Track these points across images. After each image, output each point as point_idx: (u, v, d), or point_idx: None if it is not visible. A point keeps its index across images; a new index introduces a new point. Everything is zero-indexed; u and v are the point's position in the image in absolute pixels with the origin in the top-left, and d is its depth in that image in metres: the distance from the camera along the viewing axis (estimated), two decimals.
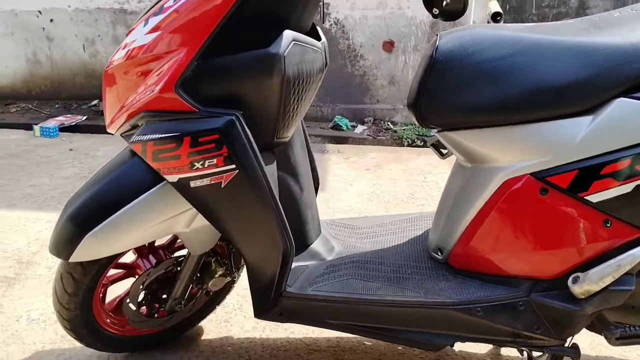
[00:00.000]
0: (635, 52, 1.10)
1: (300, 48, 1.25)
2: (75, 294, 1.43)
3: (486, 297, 1.26)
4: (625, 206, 1.13)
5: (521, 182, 1.20)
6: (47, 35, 4.87)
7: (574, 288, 1.18)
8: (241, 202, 1.24)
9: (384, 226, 1.67)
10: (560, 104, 1.15)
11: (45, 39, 4.87)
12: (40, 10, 4.83)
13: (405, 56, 4.37)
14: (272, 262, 1.31)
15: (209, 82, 1.20)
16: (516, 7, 5.93)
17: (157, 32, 1.21)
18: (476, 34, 1.25)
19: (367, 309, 1.33)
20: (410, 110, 1.29)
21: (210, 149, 1.17)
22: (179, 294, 1.54)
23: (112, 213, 1.30)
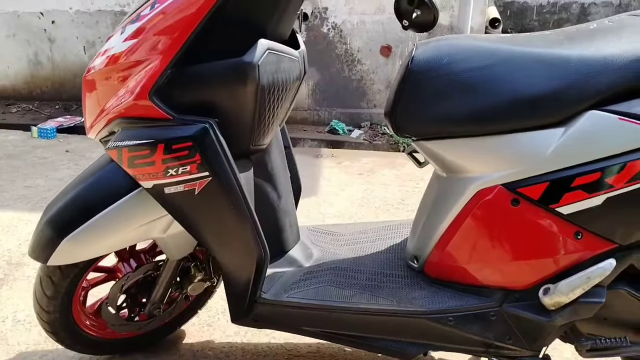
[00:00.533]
0: (607, 65, 1.10)
1: (275, 57, 1.25)
2: (55, 297, 1.44)
3: (458, 307, 1.27)
4: (596, 218, 1.13)
5: (493, 192, 1.20)
6: (48, 36, 4.90)
7: (545, 299, 1.18)
8: (215, 209, 1.25)
9: (365, 233, 1.67)
10: (532, 116, 1.15)
11: (46, 41, 4.91)
12: (42, 12, 4.86)
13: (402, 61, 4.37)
14: (246, 269, 1.31)
15: (183, 90, 1.21)
16: (517, 13, 5.94)
17: (134, 40, 1.22)
18: (452, 44, 1.25)
19: (341, 317, 1.33)
20: (386, 119, 1.30)
21: (183, 156, 1.18)
22: (157, 298, 1.54)
23: (90, 217, 1.31)
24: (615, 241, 1.14)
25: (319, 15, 4.33)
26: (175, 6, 1.18)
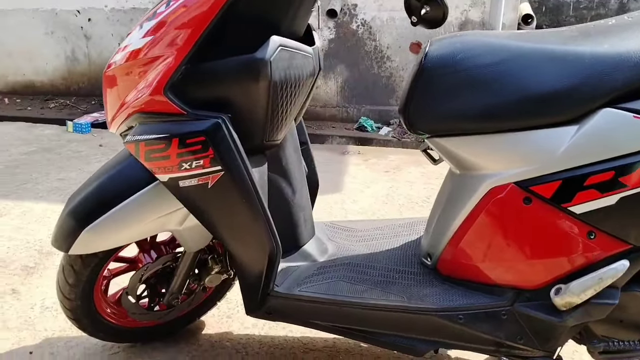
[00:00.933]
0: (621, 62, 1.08)
1: (288, 53, 1.27)
2: (76, 285, 1.49)
3: (468, 305, 1.26)
4: (609, 218, 1.11)
5: (506, 190, 1.19)
6: (85, 33, 5.03)
7: (556, 299, 1.17)
8: (227, 203, 1.27)
9: (381, 230, 1.68)
10: (545, 113, 1.14)
11: (83, 38, 5.04)
12: (79, 10, 4.99)
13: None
14: (258, 262, 1.33)
15: (197, 86, 1.24)
16: (553, 9, 5.81)
17: (150, 36, 1.25)
18: (466, 41, 1.24)
19: (351, 312, 1.34)
20: (400, 115, 1.30)
21: (197, 151, 1.21)
22: (176, 289, 1.58)
23: (109, 209, 1.36)
24: (630, 242, 1.12)
25: (348, 12, 4.33)
26: (188, 4, 1.20)
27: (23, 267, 2.18)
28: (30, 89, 5.25)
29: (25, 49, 5.15)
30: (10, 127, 4.23)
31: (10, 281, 2.09)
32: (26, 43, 5.14)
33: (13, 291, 2.03)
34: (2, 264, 2.21)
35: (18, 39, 5.14)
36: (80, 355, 1.71)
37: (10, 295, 2.01)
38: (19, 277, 2.12)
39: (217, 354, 1.72)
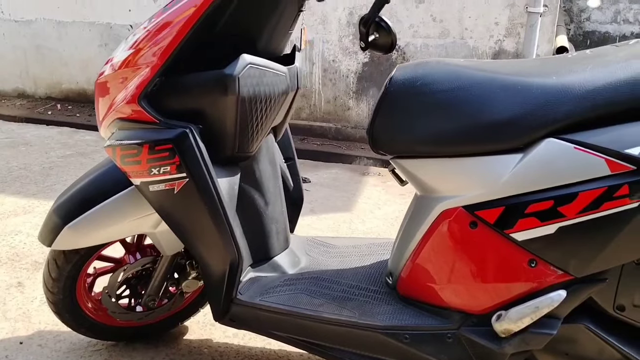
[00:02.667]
0: (565, 94, 1.09)
1: (258, 71, 1.33)
2: (59, 280, 1.59)
3: (415, 325, 1.27)
4: (549, 247, 1.11)
5: (455, 214, 1.21)
6: None
7: (496, 326, 1.17)
8: (191, 209, 1.34)
9: (358, 247, 1.70)
10: (493, 140, 1.16)
11: None
12: (132, 25, 5.25)
13: None
14: (220, 269, 1.39)
15: (170, 97, 1.32)
16: (598, 43, 5.70)
17: (132, 50, 1.35)
18: (428, 68, 1.28)
19: (306, 324, 1.37)
20: (367, 135, 1.34)
21: (164, 157, 1.29)
22: (153, 291, 1.65)
23: (90, 208, 1.45)
24: (570, 272, 1.12)
25: None
26: (165, 22, 1.29)
27: (33, 263, 2.32)
28: (82, 96, 5.53)
29: (80, 59, 5.44)
30: (54, 130, 4.48)
31: (18, 275, 2.22)
32: (81, 53, 5.43)
33: (19, 284, 2.16)
34: (16, 258, 2.36)
35: (74, 49, 5.44)
36: (66, 348, 1.80)
37: (15, 287, 2.13)
38: (27, 271, 2.25)
39: (195, 359, 1.78)
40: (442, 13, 4.22)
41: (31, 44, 5.47)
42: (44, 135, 4.31)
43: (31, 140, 4.15)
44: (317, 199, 3.20)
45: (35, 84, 5.60)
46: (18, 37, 5.49)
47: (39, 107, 5.26)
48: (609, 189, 1.04)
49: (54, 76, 5.52)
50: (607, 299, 1.15)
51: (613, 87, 1.07)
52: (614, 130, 1.06)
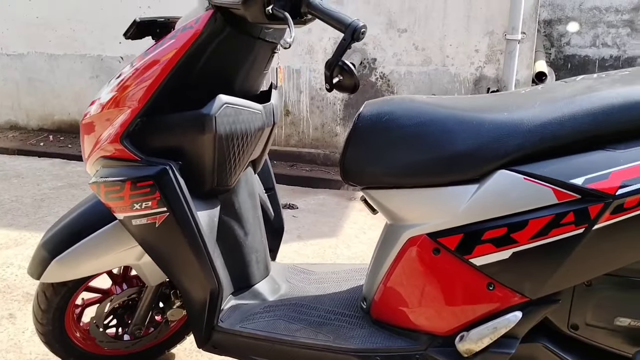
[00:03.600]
0: (515, 129, 1.18)
1: (234, 110, 1.42)
2: (48, 311, 1.65)
3: (386, 348, 1.34)
4: (504, 271, 1.19)
5: (419, 241, 1.29)
6: None
7: (459, 346, 1.24)
8: (172, 242, 1.41)
9: (337, 273, 1.77)
10: (451, 172, 1.24)
11: None
12: (122, 57, 5.36)
13: None
14: (201, 298, 1.46)
15: (151, 136, 1.41)
16: (578, 66, 5.85)
17: (114, 92, 1.43)
18: (393, 104, 1.37)
19: (284, 349, 1.44)
20: (339, 167, 1.43)
21: (146, 193, 1.36)
22: (139, 321, 1.72)
23: (76, 242, 1.52)
24: (525, 294, 1.19)
25: (368, 66, 4.51)
26: (145, 65, 1.38)
27: (24, 294, 2.37)
28: (74, 127, 5.60)
29: (72, 90, 5.54)
30: (46, 162, 4.56)
31: (10, 306, 2.28)
32: (73, 85, 5.52)
33: (10, 315, 2.21)
34: (7, 289, 2.41)
35: (66, 81, 5.53)
36: None
37: (7, 319, 2.19)
38: (19, 302, 2.31)
39: None
40: (424, 42, 4.36)
41: (23, 77, 5.57)
42: (36, 167, 4.38)
43: (23, 172, 4.22)
44: (304, 225, 3.27)
45: (28, 116, 5.68)
46: (10, 70, 5.59)
47: (31, 139, 5.34)
48: (556, 216, 1.12)
49: (46, 108, 5.61)
50: (561, 319, 1.23)
51: (558, 122, 1.16)
52: (560, 161, 1.15)
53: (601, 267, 1.15)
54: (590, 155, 1.13)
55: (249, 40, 1.42)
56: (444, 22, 4.27)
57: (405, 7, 4.31)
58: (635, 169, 1.09)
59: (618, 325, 1.20)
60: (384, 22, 4.37)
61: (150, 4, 4.93)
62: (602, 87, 1.20)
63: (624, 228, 1.10)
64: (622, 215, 1.09)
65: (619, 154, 1.11)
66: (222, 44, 1.38)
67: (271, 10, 1.26)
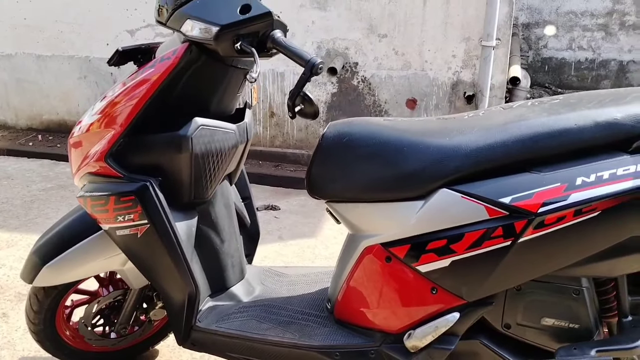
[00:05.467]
0: (454, 152, 1.34)
1: (209, 131, 1.57)
2: (39, 312, 1.80)
3: (345, 344, 1.50)
4: (445, 277, 1.35)
5: (374, 250, 1.45)
6: (114, 79, 5.49)
7: (406, 342, 1.41)
8: (152, 251, 1.56)
9: (308, 276, 1.93)
10: (401, 189, 1.40)
11: (112, 83, 5.51)
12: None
13: (427, 113, 4.61)
14: (179, 301, 1.61)
15: (133, 155, 1.55)
16: (555, 69, 6.03)
17: (99, 115, 1.58)
18: (354, 126, 1.52)
19: (255, 346, 1.60)
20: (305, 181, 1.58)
21: (128, 207, 1.51)
22: (124, 320, 1.87)
23: (65, 250, 1.67)
24: (463, 297, 1.36)
25: (350, 69, 4.65)
26: (127, 91, 1.53)
27: (17, 294, 2.51)
28: (63, 127, 5.71)
29: (61, 91, 5.64)
30: (35, 163, 4.67)
31: (2, 306, 2.42)
32: (61, 86, 5.62)
33: (3, 315, 2.35)
34: (0, 290, 2.55)
35: (54, 81, 5.63)
36: None
37: (0, 318, 2.33)
38: (11, 302, 2.45)
39: None
40: (404, 47, 4.51)
41: (11, 77, 5.66)
42: (25, 169, 4.50)
43: (13, 174, 4.34)
44: (286, 226, 3.43)
45: (17, 116, 5.78)
46: None
47: (20, 139, 5.45)
48: (487, 230, 1.29)
49: (34, 108, 5.72)
50: (496, 319, 1.39)
51: (491, 147, 1.32)
52: (492, 182, 1.31)
53: (527, 274, 1.32)
54: (518, 177, 1.29)
55: (223, 67, 1.57)
56: (423, 28, 4.42)
57: (385, 13, 4.45)
58: (556, 189, 1.25)
59: (544, 324, 1.37)
60: (365, 28, 4.52)
61: (137, 6, 5.04)
62: (532, 116, 1.36)
63: (545, 241, 1.26)
64: (543, 230, 1.25)
65: (542, 176, 1.28)
66: (197, 71, 1.53)
67: (240, 46, 1.41)
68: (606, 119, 1.30)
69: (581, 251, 1.28)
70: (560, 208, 1.24)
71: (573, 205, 1.23)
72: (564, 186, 1.25)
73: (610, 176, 1.24)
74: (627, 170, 1.24)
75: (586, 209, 1.24)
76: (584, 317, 1.36)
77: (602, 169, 1.26)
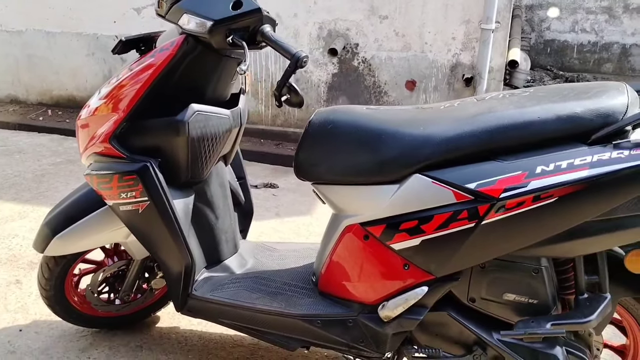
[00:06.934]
0: (427, 141, 1.46)
1: (204, 116, 1.70)
2: (50, 279, 1.96)
3: (325, 313, 1.65)
4: (416, 255, 1.49)
5: (353, 229, 1.58)
6: (121, 56, 5.60)
7: (380, 312, 1.55)
8: (152, 225, 1.71)
9: (297, 252, 2.08)
10: (379, 174, 1.52)
11: (119, 60, 5.62)
12: (117, 35, 5.58)
13: (425, 95, 4.70)
14: (177, 272, 1.76)
15: (135, 137, 1.69)
16: (557, 51, 6.08)
17: (104, 100, 1.71)
18: (338, 113, 1.64)
19: (245, 313, 1.75)
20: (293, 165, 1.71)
21: (130, 185, 1.65)
22: (127, 288, 2.03)
23: (73, 223, 1.82)
24: (432, 273, 1.49)
25: (351, 50, 4.74)
26: (129, 77, 1.66)
27: (29, 263, 2.68)
28: (71, 102, 5.86)
29: (69, 67, 5.76)
30: (45, 138, 4.83)
31: (16, 273, 2.59)
32: (70, 62, 5.75)
33: (17, 281, 2.52)
34: (14, 258, 2.72)
35: (63, 58, 5.76)
36: (58, 334, 2.18)
37: (14, 284, 2.50)
38: (24, 270, 2.62)
39: (164, 342, 2.16)
40: (404, 28, 4.59)
41: (22, 53, 5.79)
42: (36, 143, 4.65)
43: (24, 148, 4.50)
44: (283, 204, 3.57)
45: (27, 91, 5.93)
46: (10, 46, 5.81)
47: (30, 113, 5.59)
48: (454, 213, 1.41)
49: (44, 83, 5.86)
50: (462, 293, 1.53)
51: (460, 137, 1.44)
52: (460, 169, 1.43)
53: (490, 253, 1.45)
54: (484, 165, 1.42)
55: (217, 57, 1.69)
56: (423, 10, 4.49)
57: None
58: (517, 177, 1.38)
59: (506, 299, 1.51)
60: (366, 9, 4.59)
61: None
62: (500, 108, 1.48)
63: (506, 224, 1.39)
64: (504, 214, 1.38)
65: (506, 164, 1.40)
66: (193, 61, 1.66)
67: (231, 39, 1.54)
68: (567, 112, 1.41)
69: (539, 234, 1.40)
70: (520, 194, 1.36)
71: (532, 191, 1.36)
72: (524, 174, 1.37)
73: (567, 165, 1.36)
74: (584, 161, 1.36)
75: (544, 195, 1.36)
76: (542, 294, 1.50)
77: (561, 158, 1.37)
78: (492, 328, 1.53)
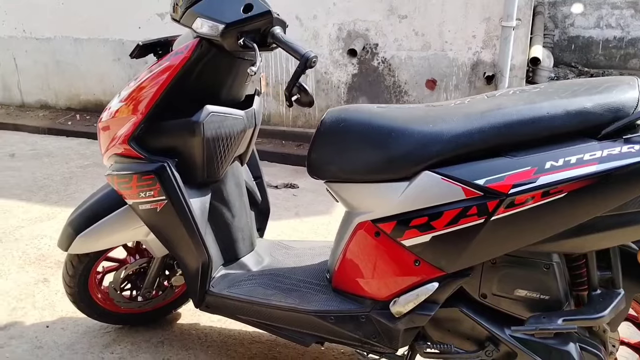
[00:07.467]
0: (437, 138, 1.47)
1: (219, 117, 1.74)
2: (74, 276, 2.03)
3: (339, 309, 1.68)
4: (427, 251, 1.50)
5: (365, 225, 1.61)
6: (145, 61, 5.69)
7: (392, 308, 1.57)
8: (170, 223, 1.76)
9: (313, 249, 2.11)
10: (389, 171, 1.54)
11: (143, 64, 5.73)
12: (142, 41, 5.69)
13: (446, 94, 4.69)
14: (195, 269, 1.81)
15: (152, 139, 1.74)
16: (582, 47, 5.99)
17: (123, 102, 1.77)
18: (350, 113, 1.66)
19: (260, 310, 1.79)
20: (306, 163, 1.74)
21: (149, 184, 1.71)
22: (148, 285, 2.09)
23: (95, 222, 1.88)
24: (442, 269, 1.51)
25: (370, 51, 4.76)
26: (147, 81, 1.71)
27: (56, 262, 2.77)
28: (99, 107, 5.99)
29: (96, 72, 5.91)
30: (74, 142, 4.96)
31: (44, 272, 2.68)
32: (97, 67, 5.89)
33: (45, 280, 2.61)
34: (42, 258, 2.81)
35: (91, 64, 5.90)
36: (83, 330, 2.25)
37: (42, 282, 2.59)
38: (52, 269, 2.70)
39: (184, 338, 2.21)
40: (424, 27, 4.59)
41: (51, 59, 5.96)
42: (64, 146, 4.78)
43: (53, 152, 4.63)
44: (303, 204, 3.61)
45: (56, 96, 6.09)
46: (39, 53, 5.99)
47: (59, 118, 5.75)
48: (463, 209, 1.42)
49: (72, 88, 6.01)
50: (473, 289, 1.54)
51: (469, 133, 1.45)
52: (469, 165, 1.44)
53: (500, 249, 1.46)
54: (493, 161, 1.43)
55: (230, 59, 1.73)
56: (443, 9, 4.49)
57: None
58: (525, 172, 1.38)
59: (517, 295, 1.51)
60: (385, 9, 4.61)
61: None
62: (509, 105, 1.48)
63: (515, 219, 1.39)
64: (513, 209, 1.39)
65: (515, 160, 1.41)
66: (207, 63, 1.70)
67: (243, 42, 1.58)
68: (576, 107, 1.41)
69: (548, 229, 1.41)
70: (529, 190, 1.37)
71: (541, 187, 1.36)
72: (534, 169, 1.38)
73: (577, 161, 1.36)
74: (594, 156, 1.36)
75: (553, 190, 1.36)
76: (554, 290, 1.50)
77: (570, 154, 1.38)
78: (504, 324, 1.53)
